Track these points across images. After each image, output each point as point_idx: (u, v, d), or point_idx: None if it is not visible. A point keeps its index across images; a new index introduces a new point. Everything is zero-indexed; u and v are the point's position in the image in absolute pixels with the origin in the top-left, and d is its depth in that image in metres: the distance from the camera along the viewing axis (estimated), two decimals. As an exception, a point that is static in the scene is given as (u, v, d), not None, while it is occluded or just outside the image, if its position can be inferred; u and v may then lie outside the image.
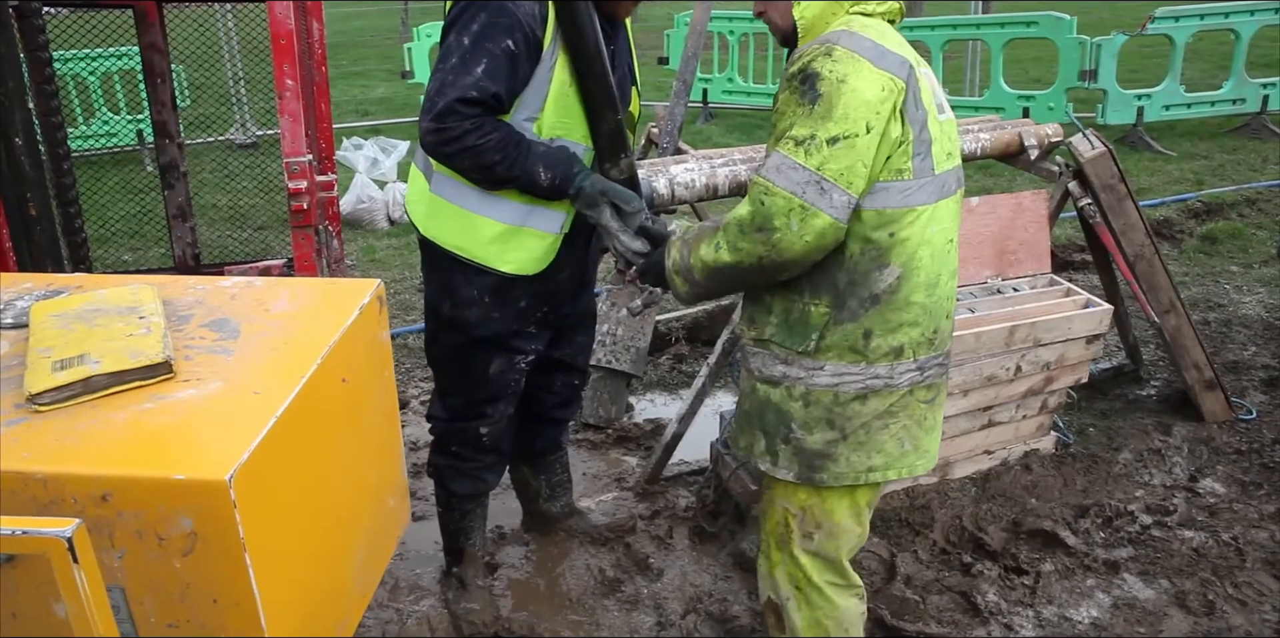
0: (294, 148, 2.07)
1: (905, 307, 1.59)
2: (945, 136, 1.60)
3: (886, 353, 1.61)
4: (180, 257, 3.18)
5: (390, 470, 1.41)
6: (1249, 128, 7.12)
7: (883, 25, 1.59)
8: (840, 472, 1.67)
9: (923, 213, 1.56)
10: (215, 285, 1.37)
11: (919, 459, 1.72)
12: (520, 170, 1.84)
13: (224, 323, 1.25)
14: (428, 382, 3.65)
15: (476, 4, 1.81)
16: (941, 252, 1.61)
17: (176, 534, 0.94)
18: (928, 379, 1.66)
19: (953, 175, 1.63)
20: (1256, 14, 7.01)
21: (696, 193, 2.81)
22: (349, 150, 5.91)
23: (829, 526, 1.74)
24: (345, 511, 1.24)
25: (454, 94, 1.76)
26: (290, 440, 1.06)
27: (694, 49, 3.71)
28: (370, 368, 1.31)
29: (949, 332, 1.71)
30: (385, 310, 1.37)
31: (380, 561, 1.39)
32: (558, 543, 2.61)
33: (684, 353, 3.78)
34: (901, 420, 1.66)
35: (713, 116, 8.70)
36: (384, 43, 15.92)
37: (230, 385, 1.10)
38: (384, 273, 4.92)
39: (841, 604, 1.82)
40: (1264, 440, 3.00)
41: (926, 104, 1.54)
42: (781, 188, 1.47)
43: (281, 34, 2.09)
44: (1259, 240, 4.83)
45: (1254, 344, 3.68)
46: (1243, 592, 2.34)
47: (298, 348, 1.18)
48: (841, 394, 1.63)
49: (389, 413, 1.39)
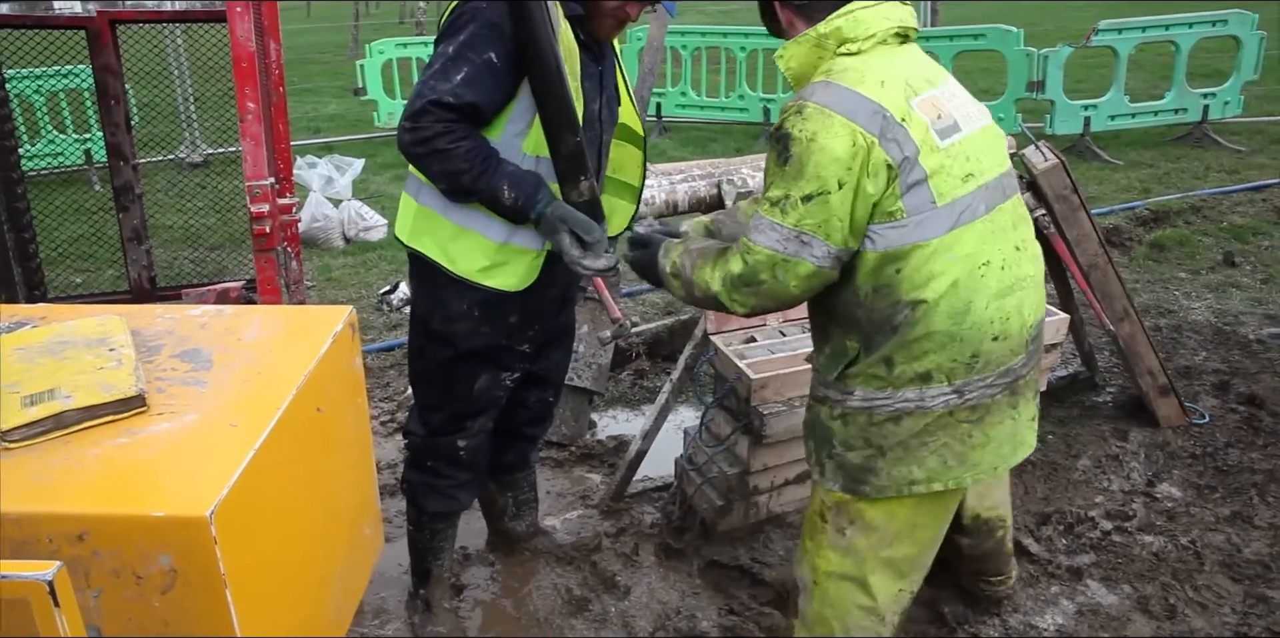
0: (256, 171, 2.05)
1: (926, 336, 1.60)
2: (956, 161, 1.57)
3: (912, 378, 1.62)
4: (136, 280, 3.11)
5: (365, 498, 1.39)
6: (1191, 136, 7.37)
7: (876, 54, 1.58)
8: (882, 485, 1.71)
9: (929, 246, 1.55)
10: (184, 314, 1.35)
11: (966, 472, 1.71)
12: (485, 184, 1.85)
13: (196, 353, 1.23)
14: (388, 402, 3.61)
15: (466, 17, 1.83)
16: (970, 278, 1.58)
17: (155, 572, 0.92)
18: (969, 401, 1.66)
19: (978, 197, 1.59)
20: (1195, 26, 7.27)
21: (656, 209, 2.84)
22: (303, 169, 5.82)
23: (861, 524, 1.78)
24: (323, 541, 1.23)
25: (430, 97, 1.80)
26: (268, 473, 1.04)
27: (650, 65, 3.76)
28: (344, 396, 1.30)
29: (1001, 352, 1.65)
30: (357, 338, 1.37)
31: (356, 589, 1.38)
32: (523, 563, 2.59)
33: (645, 368, 3.80)
34: (941, 439, 1.67)
35: (666, 130, 8.77)
36: (334, 59, 15.77)
37: (206, 418, 1.09)
38: (340, 292, 4.87)
39: (852, 620, 1.84)
40: (1217, 444, 3.09)
41: (919, 138, 1.52)
42: (763, 246, 1.57)
43: (243, 56, 2.07)
44: (1205, 247, 4.99)
45: (1204, 349, 3.80)
46: (1202, 595, 2.40)
47: (272, 378, 1.16)
48: (875, 416, 1.67)
49: (362, 440, 1.38)
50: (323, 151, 7.59)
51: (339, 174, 5.85)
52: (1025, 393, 1.76)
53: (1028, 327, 1.68)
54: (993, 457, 1.74)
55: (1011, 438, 1.76)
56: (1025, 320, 1.67)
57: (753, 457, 2.53)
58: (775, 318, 2.79)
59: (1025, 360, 1.72)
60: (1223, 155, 6.99)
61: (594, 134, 2.05)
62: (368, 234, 5.79)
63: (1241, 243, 5.05)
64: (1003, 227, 1.64)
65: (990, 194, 1.63)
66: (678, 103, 8.78)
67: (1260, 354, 3.74)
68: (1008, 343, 1.66)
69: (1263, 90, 7.87)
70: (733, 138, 8.46)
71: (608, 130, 2.12)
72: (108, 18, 2.93)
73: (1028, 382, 1.76)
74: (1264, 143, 7.27)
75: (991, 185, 1.64)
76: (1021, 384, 1.74)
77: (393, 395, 3.68)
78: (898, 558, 1.81)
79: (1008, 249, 1.64)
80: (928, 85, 1.59)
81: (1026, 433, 1.81)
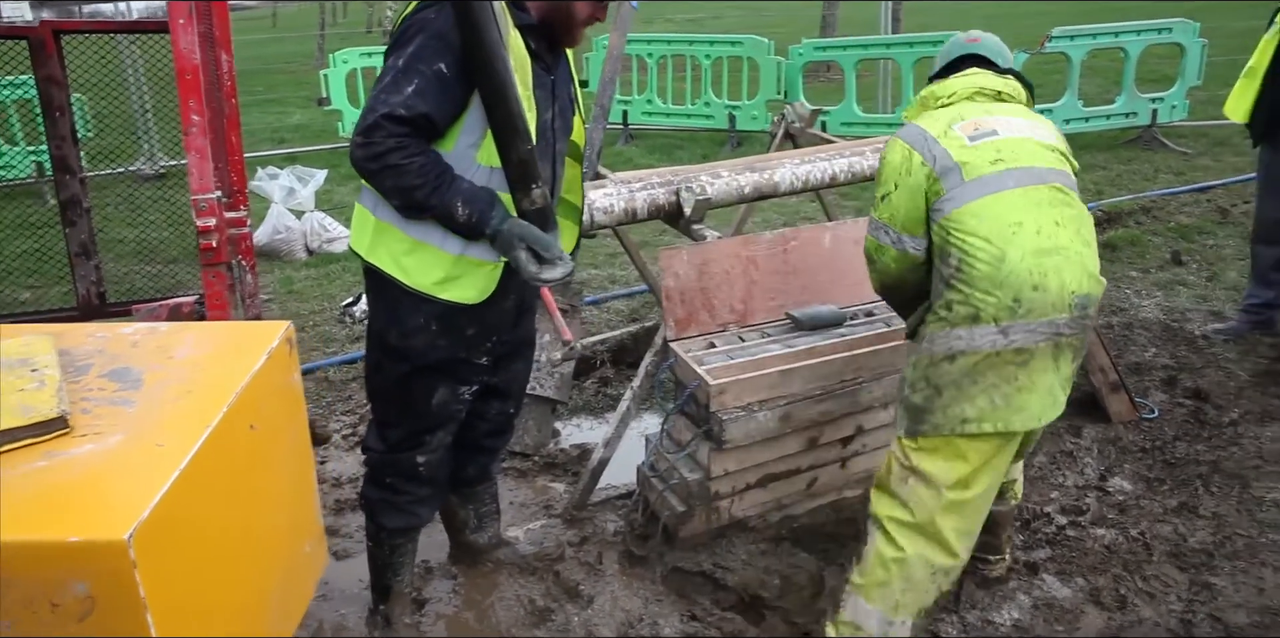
0: (202, 185, 2.03)
1: (972, 280, 1.97)
2: (984, 153, 2.04)
3: (964, 318, 1.97)
4: (84, 296, 3.06)
5: (305, 516, 1.38)
6: (1141, 140, 7.55)
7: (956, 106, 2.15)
8: (938, 422, 2.00)
9: (967, 209, 1.99)
10: (116, 333, 1.33)
11: (1014, 415, 1.97)
12: (439, 201, 1.84)
13: (125, 372, 1.21)
14: (349, 416, 3.58)
15: (415, 28, 1.83)
16: (1003, 233, 1.96)
17: (71, 600, 0.91)
18: (1014, 343, 1.95)
19: (1006, 177, 2.01)
20: (1142, 34, 7.48)
21: (616, 217, 2.84)
22: (264, 180, 5.78)
23: (923, 473, 2.04)
24: (257, 561, 1.21)
25: (383, 110, 1.79)
26: (196, 493, 1.03)
27: (611, 73, 3.75)
28: (280, 413, 1.28)
29: (1042, 303, 1.95)
30: (295, 353, 1.35)
31: (297, 608, 1.36)
32: (486, 575, 2.58)
33: (609, 376, 3.80)
34: (990, 379, 1.96)
35: (633, 138, 8.80)
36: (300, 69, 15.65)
37: (131, 438, 1.07)
38: (303, 304, 4.82)
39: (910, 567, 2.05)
40: (1166, 438, 3.16)
41: (948, 145, 2.06)
42: (870, 235, 2.17)
43: (187, 69, 2.04)
44: (1155, 246, 5.10)
45: (1154, 346, 3.88)
46: (1151, 585, 2.46)
47: (203, 396, 1.15)
48: (935, 355, 2.02)
49: (301, 457, 1.36)
50: (287, 162, 7.53)
51: (301, 185, 5.81)
52: (1066, 354, 2.01)
53: (1068, 290, 1.96)
54: (1037, 405, 1.98)
55: (1051, 392, 2.00)
56: (1065, 283, 1.95)
57: (713, 462, 2.53)
58: (735, 324, 2.81)
59: (1069, 322, 1.97)
60: (1170, 158, 7.17)
61: (546, 144, 2.05)
62: (331, 246, 5.74)
63: (1188, 242, 5.18)
64: (1037, 202, 2.01)
65: (1020, 176, 2.03)
66: (644, 110, 8.81)
67: (1205, 349, 3.83)
68: (1047, 296, 1.95)
69: (1206, 95, 8.09)
70: (699, 145, 8.50)
71: (561, 140, 2.12)
72: (51, 27, 2.88)
73: (1070, 344, 2.00)
74: (1208, 146, 7.47)
75: (1020, 171, 2.03)
76: (1064, 343, 1.99)
77: (355, 409, 3.65)
78: (956, 511, 2.04)
79: (1044, 220, 1.99)
80: (979, 113, 2.12)
81: (1059, 393, 2.03)
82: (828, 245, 2.89)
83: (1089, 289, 2.00)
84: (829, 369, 2.59)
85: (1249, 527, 2.69)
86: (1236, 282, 4.47)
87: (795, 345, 2.67)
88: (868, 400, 2.66)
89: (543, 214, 1.92)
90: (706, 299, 2.74)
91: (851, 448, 2.75)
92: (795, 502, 2.74)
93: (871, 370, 2.65)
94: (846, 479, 2.81)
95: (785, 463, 2.65)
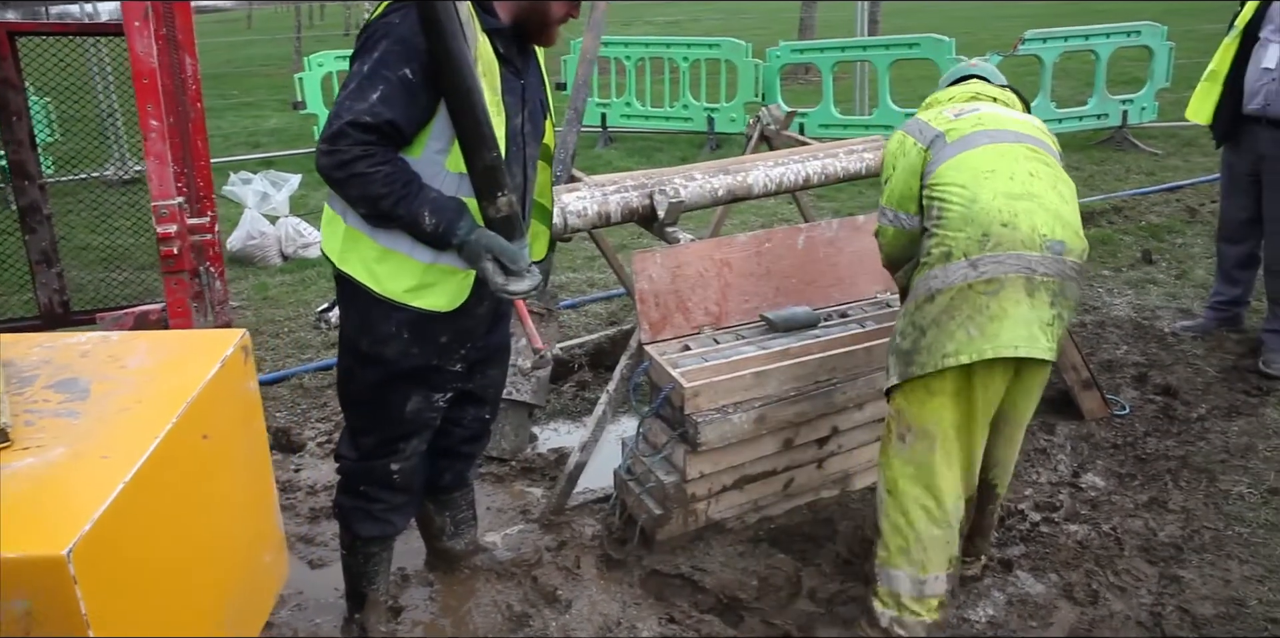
0: (162, 190, 1.99)
1: (947, 223, 2.09)
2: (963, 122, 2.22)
3: (939, 257, 2.08)
4: (46, 304, 3.00)
5: (264, 526, 1.35)
6: (1113, 141, 7.63)
7: (946, 107, 2.32)
8: (923, 362, 2.07)
9: (947, 163, 2.15)
10: (64, 342, 1.30)
11: (986, 343, 2.01)
12: (405, 210, 1.82)
13: (72, 383, 1.18)
14: (324, 423, 3.55)
15: (379, 33, 1.80)
16: (976, 178, 2.09)
17: (8, 618, 0.88)
18: (983, 274, 2.03)
19: (981, 135, 2.17)
20: (1112, 36, 7.56)
21: (589, 221, 2.83)
22: (237, 185, 5.71)
23: (918, 429, 2.12)
24: (211, 572, 1.18)
25: (348, 118, 1.76)
26: (143, 505, 1.00)
27: (584, 77, 3.74)
28: (235, 422, 1.25)
29: (1010, 239, 2.03)
30: (251, 361, 1.33)
31: (257, 619, 1.33)
32: (463, 581, 2.55)
33: (587, 380, 3.78)
34: (965, 311, 2.03)
35: (612, 141, 8.78)
36: (277, 72, 15.54)
37: (75, 451, 1.04)
38: (277, 310, 4.77)
39: (920, 525, 2.13)
40: (1137, 434, 3.19)
41: (935, 124, 2.25)
42: (877, 221, 2.36)
43: (144, 72, 2.01)
44: (1126, 245, 5.15)
45: (1125, 343, 3.91)
46: (1122, 579, 2.48)
47: (152, 406, 1.12)
48: (918, 299, 2.11)
49: (259, 466, 1.33)
50: (262, 167, 7.46)
51: (275, 190, 5.74)
52: (1042, 292, 2.04)
53: (1039, 232, 2.04)
54: (1010, 334, 2.02)
55: (1027, 324, 2.03)
56: (1036, 226, 2.04)
57: (689, 465, 2.52)
58: (709, 326, 2.80)
59: (1041, 259, 2.04)
60: (1141, 158, 7.26)
61: (517, 149, 2.02)
62: (306, 251, 5.68)
63: (1158, 241, 5.24)
64: (1013, 156, 2.14)
65: (995, 136, 2.18)
66: (622, 113, 8.79)
67: (1174, 346, 3.87)
68: (1016, 233, 2.04)
69: (1174, 97, 8.19)
70: (678, 147, 8.50)
71: (532, 144, 2.10)
72: (5, 29, 2.82)
73: (1046, 284, 2.04)
74: (1177, 146, 7.57)
75: (996, 132, 2.19)
76: (1038, 281, 2.03)
77: (330, 416, 3.61)
78: (952, 457, 2.12)
79: (1018, 169, 2.11)
80: (965, 104, 2.31)
81: (1040, 336, 2.04)
82: (801, 247, 2.89)
83: (1063, 237, 2.06)
84: (804, 370, 2.59)
85: (1216, 520, 2.71)
86: (1204, 279, 4.52)
87: (770, 347, 2.67)
88: (843, 401, 2.66)
89: (509, 222, 1.89)
90: (681, 302, 2.73)
91: (827, 449, 2.75)
92: (772, 503, 2.74)
93: (846, 371, 2.65)
94: (823, 480, 2.81)
95: (761, 464, 2.65)
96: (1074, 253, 2.08)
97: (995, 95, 2.36)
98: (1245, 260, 3.84)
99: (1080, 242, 2.11)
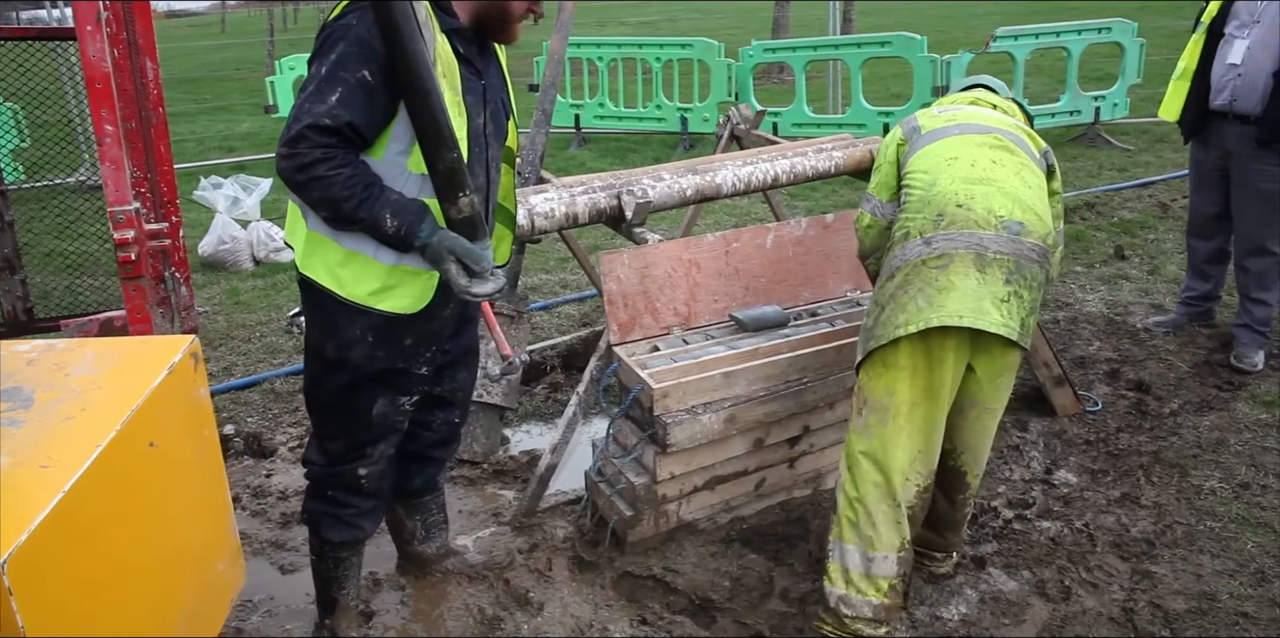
0: (119, 196, 1.96)
1: (909, 205, 2.21)
2: (941, 119, 2.35)
3: (900, 238, 2.19)
4: (10, 311, 2.96)
5: (217, 532, 1.33)
6: (1085, 137, 7.70)
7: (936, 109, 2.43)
8: (880, 334, 2.13)
9: (917, 155, 2.28)
10: (10, 350, 1.27)
11: (934, 313, 2.06)
12: (366, 213, 1.80)
13: (16, 392, 1.16)
14: (295, 428, 3.51)
15: (336, 35, 1.78)
16: (937, 166, 2.21)
17: (-57, 630, 0.86)
18: (936, 251, 2.10)
19: (952, 128, 2.30)
20: (1083, 33, 7.61)
21: (557, 222, 2.81)
22: (207, 190, 5.66)
23: (873, 401, 2.17)
24: (159, 581, 1.16)
25: (307, 120, 1.74)
26: (84, 515, 0.99)
27: (553, 78, 3.73)
28: (185, 429, 1.24)
29: (964, 218, 2.11)
30: (202, 367, 1.31)
31: (211, 626, 1.31)
32: (435, 585, 2.53)
33: (559, 381, 3.76)
34: (917, 285, 2.10)
35: (585, 142, 8.77)
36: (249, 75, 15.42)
37: (15, 460, 1.02)
38: (249, 315, 4.72)
39: (869, 500, 2.16)
40: (1109, 430, 3.21)
41: (921, 119, 2.38)
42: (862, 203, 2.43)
43: (97, 77, 1.98)
44: (1098, 241, 5.18)
45: (1097, 339, 3.94)
46: (1094, 575, 2.49)
47: (96, 414, 1.10)
48: (882, 279, 2.20)
49: (211, 473, 1.31)
50: (235, 171, 7.40)
51: (246, 194, 5.70)
52: (994, 270, 2.08)
53: (995, 213, 2.11)
54: (956, 304, 2.06)
55: (976, 298, 2.06)
56: (992, 208, 2.11)
57: (659, 466, 2.52)
58: (679, 327, 2.79)
59: (994, 238, 2.09)
60: (1114, 154, 7.32)
61: (479, 150, 2.01)
62: (278, 255, 5.63)
63: (1130, 237, 5.27)
64: (978, 144, 2.24)
65: (965, 128, 2.30)
66: (596, 114, 8.79)
67: (1147, 342, 3.89)
68: (971, 214, 2.11)
69: (1146, 93, 8.28)
70: (651, 148, 8.50)
71: (494, 145, 2.09)
72: (-40, 36, 2.79)
73: (1000, 261, 2.09)
74: (1149, 142, 7.63)
75: (967, 125, 2.30)
76: (990, 258, 2.08)
77: (301, 420, 3.58)
78: (906, 434, 2.15)
79: (980, 157, 2.21)
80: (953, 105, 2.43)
81: (993, 310, 2.07)
82: (770, 246, 2.89)
83: (1021, 217, 2.12)
84: (773, 370, 2.59)
85: (1188, 515, 2.73)
86: (1176, 275, 4.56)
87: (739, 347, 2.67)
88: (813, 400, 2.67)
89: (471, 223, 1.88)
90: (649, 302, 2.73)
91: (799, 448, 2.75)
92: (744, 503, 2.74)
93: (816, 371, 2.65)
94: (794, 479, 2.81)
95: (732, 465, 2.65)
96: (1034, 235, 2.12)
97: (995, 102, 2.48)
98: (1216, 256, 3.88)
99: (1043, 225, 2.15)
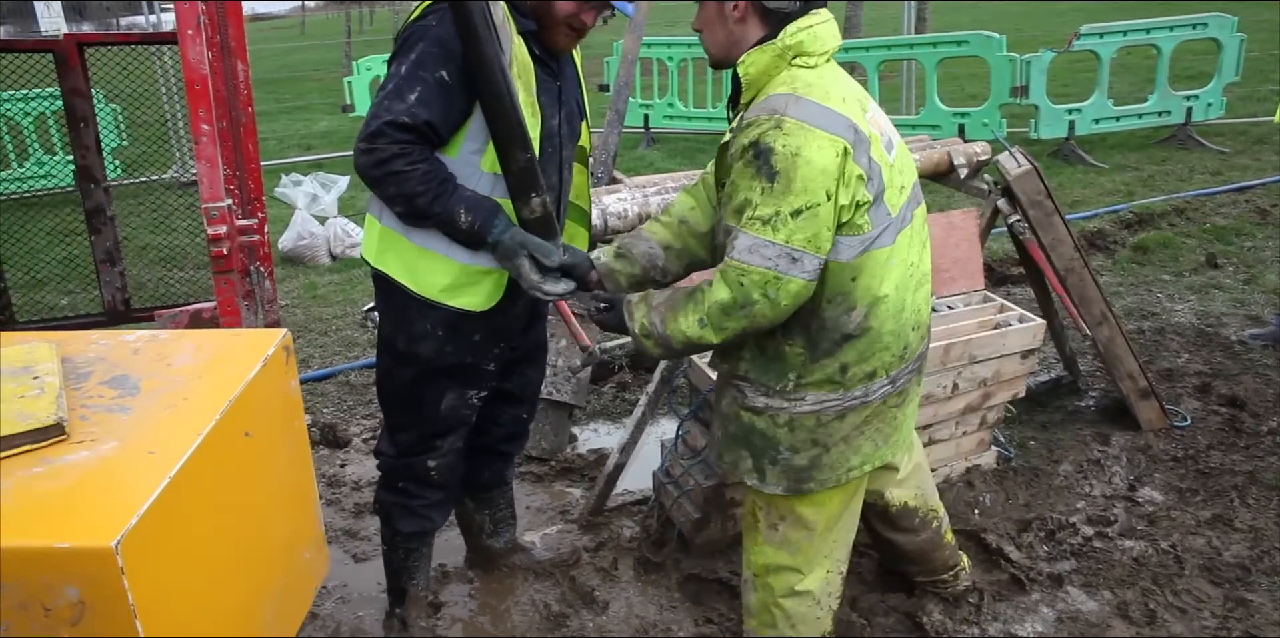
0: (212, 193, 2.04)
1: (877, 338, 1.73)
2: (895, 173, 1.70)
3: (862, 378, 1.77)
4: (110, 302, 3.11)
5: (304, 522, 1.38)
6: (1175, 139, 7.37)
7: (825, 71, 1.66)
8: (825, 478, 1.83)
9: (884, 253, 1.68)
10: (119, 340, 1.34)
11: (890, 451, 1.90)
12: (441, 207, 1.84)
13: (124, 380, 1.22)
14: (370, 420, 3.60)
15: (416, 35, 1.83)
16: (905, 277, 1.73)
17: (63, 605, 0.91)
18: (898, 388, 1.84)
19: (909, 206, 1.76)
20: (1176, 30, 7.30)
21: (630, 222, 2.83)
22: (288, 186, 5.85)
23: (793, 519, 1.92)
24: (252, 566, 1.21)
25: (386, 118, 1.79)
26: (187, 500, 1.03)
27: (626, 78, 3.74)
28: (277, 419, 1.28)
29: (918, 341, 1.85)
30: (293, 360, 1.35)
31: (297, 613, 1.36)
32: (502, 579, 2.57)
33: (627, 381, 3.78)
34: (875, 425, 1.84)
35: (655, 142, 8.79)
36: (327, 76, 15.86)
37: (125, 446, 1.07)
38: (326, 309, 4.86)
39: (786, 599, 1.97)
40: (1199, 447, 3.06)
41: (876, 154, 1.63)
42: (756, 266, 1.60)
43: (195, 79, 2.06)
44: (1188, 248, 4.97)
45: (1186, 352, 3.77)
46: (1182, 599, 2.38)
47: (197, 403, 1.15)
48: (823, 417, 1.78)
49: (300, 464, 1.36)
50: (313, 168, 7.62)
51: (324, 191, 5.86)
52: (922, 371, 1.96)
53: (927, 315, 1.87)
54: (905, 433, 1.95)
55: (914, 415, 1.97)
56: (928, 309, 1.87)
57: (727, 469, 2.50)
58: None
59: (928, 343, 1.94)
60: (1206, 157, 6.98)
61: (553, 150, 2.03)
62: (354, 251, 5.79)
63: (1224, 244, 5.03)
64: (917, 229, 1.80)
65: (912, 202, 1.79)
66: (665, 114, 8.80)
67: (1242, 355, 3.71)
68: (920, 332, 1.85)
69: (1244, 92, 7.87)
70: (721, 147, 8.46)
71: (568, 146, 2.11)
72: (75, 41, 2.94)
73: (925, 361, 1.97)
74: (1247, 144, 7.26)
75: (913, 194, 1.80)
76: (923, 364, 1.95)
77: (375, 412, 3.67)
78: (829, 544, 1.96)
79: (919, 248, 1.81)
80: (868, 103, 1.72)
81: None
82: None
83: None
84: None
85: (1287, 540, 2.60)
86: (1276, 285, 4.34)
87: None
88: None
89: (543, 223, 1.90)
90: (722, 304, 2.72)
91: (870, 455, 2.71)
92: (812, 509, 2.71)
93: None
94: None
95: (802, 470, 2.62)
96: None
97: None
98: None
99: None
